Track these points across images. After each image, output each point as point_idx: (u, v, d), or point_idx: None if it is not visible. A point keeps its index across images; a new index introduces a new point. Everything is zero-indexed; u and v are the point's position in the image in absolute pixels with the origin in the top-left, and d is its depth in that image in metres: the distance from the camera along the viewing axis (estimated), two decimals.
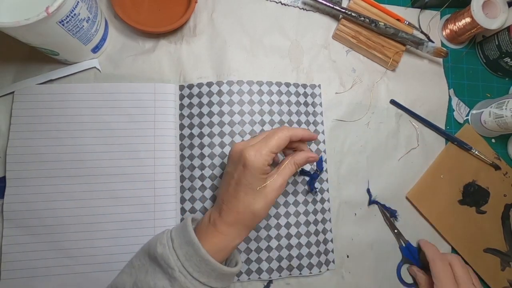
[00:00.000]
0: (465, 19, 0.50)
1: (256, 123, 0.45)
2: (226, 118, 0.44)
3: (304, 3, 0.51)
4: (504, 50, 0.51)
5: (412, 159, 0.49)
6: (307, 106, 0.47)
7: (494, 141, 0.53)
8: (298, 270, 0.43)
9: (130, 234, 0.40)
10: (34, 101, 0.42)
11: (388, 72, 0.51)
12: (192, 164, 0.43)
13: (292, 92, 0.47)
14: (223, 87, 0.45)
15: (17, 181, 0.40)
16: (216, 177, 0.43)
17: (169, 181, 0.42)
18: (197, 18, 0.48)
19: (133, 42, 0.46)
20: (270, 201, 0.35)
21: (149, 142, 0.42)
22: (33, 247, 0.39)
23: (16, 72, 0.43)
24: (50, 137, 0.41)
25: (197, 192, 0.43)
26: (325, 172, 0.46)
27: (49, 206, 0.40)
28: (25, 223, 0.39)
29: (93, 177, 0.41)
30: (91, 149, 0.41)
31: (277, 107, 0.46)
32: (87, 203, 0.40)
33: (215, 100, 0.44)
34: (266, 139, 0.35)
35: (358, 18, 0.48)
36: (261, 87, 0.46)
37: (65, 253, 0.39)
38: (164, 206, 0.42)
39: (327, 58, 0.50)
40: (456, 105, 0.53)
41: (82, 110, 0.42)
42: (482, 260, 0.48)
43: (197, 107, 0.44)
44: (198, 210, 0.42)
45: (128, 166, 0.42)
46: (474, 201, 0.49)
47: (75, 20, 0.35)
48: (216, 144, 0.44)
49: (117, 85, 0.43)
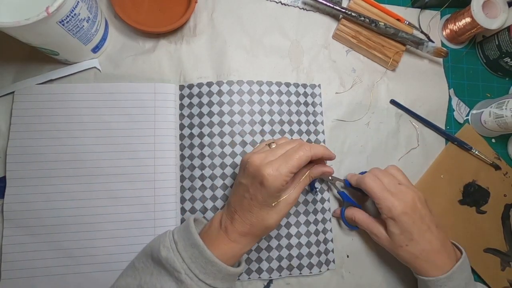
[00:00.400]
0: (465, 19, 0.50)
1: (256, 123, 0.45)
2: (226, 118, 0.44)
3: (304, 3, 0.51)
4: (504, 50, 0.51)
5: (412, 159, 0.49)
6: (307, 106, 0.47)
7: (494, 141, 0.53)
8: (298, 270, 0.43)
9: (130, 234, 0.40)
10: (34, 101, 0.42)
11: (388, 72, 0.51)
12: (192, 164, 0.43)
13: (292, 92, 0.47)
14: (223, 87, 0.45)
15: (17, 181, 0.40)
16: (216, 177, 0.43)
17: (169, 181, 0.42)
18: (197, 18, 0.48)
19: (133, 42, 0.46)
20: (284, 214, 0.35)
21: (149, 142, 0.42)
22: (33, 247, 0.39)
23: (16, 72, 0.43)
24: (50, 137, 0.41)
25: (197, 192, 0.43)
26: None
27: (49, 206, 0.40)
28: (25, 223, 0.39)
29: (93, 177, 0.41)
30: (91, 149, 0.41)
31: (277, 107, 0.46)
32: (87, 203, 0.40)
33: (215, 100, 0.44)
34: (286, 157, 0.34)
35: (358, 18, 0.48)
36: (261, 87, 0.46)
37: (65, 253, 0.39)
38: (164, 206, 0.42)
39: (327, 58, 0.50)
40: (456, 105, 0.53)
41: (82, 110, 0.42)
42: (482, 260, 0.48)
43: (197, 107, 0.44)
44: (198, 210, 0.42)
45: (128, 166, 0.42)
46: (474, 201, 0.49)
47: (75, 20, 0.35)
48: (216, 144, 0.43)
49: (117, 85, 0.43)
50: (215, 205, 0.43)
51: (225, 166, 0.43)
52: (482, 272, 0.47)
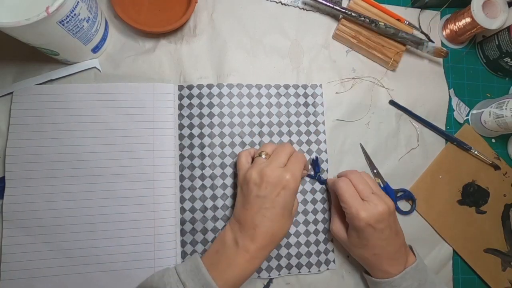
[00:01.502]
0: (465, 19, 0.50)
1: (255, 124, 0.45)
2: (226, 119, 0.45)
3: (304, 3, 0.51)
4: (504, 50, 0.51)
5: (412, 159, 0.49)
6: (307, 106, 0.47)
7: (494, 141, 0.53)
8: (297, 269, 0.43)
9: (130, 234, 0.40)
10: (33, 102, 0.41)
11: (388, 72, 0.51)
12: (192, 164, 0.43)
13: (291, 94, 0.47)
14: (223, 89, 0.45)
15: (17, 181, 0.40)
16: (216, 176, 0.43)
17: (168, 181, 0.42)
18: (197, 18, 0.48)
19: (133, 42, 0.46)
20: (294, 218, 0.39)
21: (148, 142, 0.42)
22: (33, 247, 0.39)
23: (16, 72, 0.43)
24: (49, 137, 0.41)
25: (197, 191, 0.43)
26: (326, 172, 0.46)
27: (49, 206, 0.40)
28: (24, 224, 0.39)
29: (93, 177, 0.41)
30: (91, 149, 0.41)
31: (276, 109, 0.46)
32: (87, 203, 0.40)
33: (215, 102, 0.45)
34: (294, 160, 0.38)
35: (358, 18, 0.48)
36: (259, 90, 0.47)
37: (65, 253, 0.39)
38: (163, 206, 0.42)
39: (327, 58, 0.50)
40: (456, 105, 0.53)
41: (81, 110, 0.42)
42: (482, 260, 0.48)
43: (197, 107, 0.45)
44: (198, 209, 0.42)
45: (127, 166, 0.42)
46: (474, 201, 0.49)
47: (75, 20, 0.35)
48: (216, 145, 0.44)
49: (116, 85, 0.43)
50: (215, 204, 0.43)
51: (225, 166, 0.44)
52: (483, 273, 0.47)
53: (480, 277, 0.48)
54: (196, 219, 0.42)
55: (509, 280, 0.48)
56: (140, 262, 0.40)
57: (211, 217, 0.42)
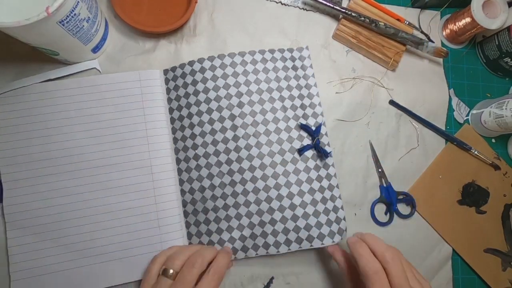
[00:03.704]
0: (465, 19, 0.50)
1: (243, 94, 0.44)
2: (212, 94, 0.43)
3: (304, 3, 0.51)
4: (504, 50, 0.51)
5: (412, 159, 0.49)
6: (296, 70, 0.46)
7: (494, 141, 0.53)
8: (308, 242, 0.40)
9: (132, 221, 0.41)
10: (19, 102, 0.41)
11: (388, 72, 0.51)
12: (185, 145, 0.43)
13: (277, 58, 0.46)
14: (204, 63, 0.44)
15: (13, 183, 0.40)
16: (210, 154, 0.43)
17: (166, 165, 0.43)
18: (197, 18, 0.48)
19: (133, 42, 0.46)
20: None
21: (140, 129, 0.43)
22: (38, 245, 0.39)
23: (16, 72, 0.43)
24: (39, 135, 0.41)
25: (193, 172, 0.43)
26: (325, 136, 0.45)
27: (47, 204, 0.40)
28: (27, 223, 0.39)
29: (88, 170, 0.41)
30: (82, 143, 0.42)
31: (263, 74, 0.45)
32: (85, 196, 0.41)
33: (198, 78, 0.44)
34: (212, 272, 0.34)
35: (358, 18, 0.48)
36: (243, 57, 0.45)
37: (70, 248, 0.40)
38: (164, 189, 0.42)
39: (327, 58, 0.50)
40: (456, 105, 0.53)
41: (68, 105, 0.42)
42: (482, 260, 0.48)
43: (182, 88, 0.44)
44: (197, 190, 0.42)
45: (121, 155, 0.42)
46: (474, 201, 0.49)
47: (75, 20, 0.35)
48: (205, 122, 0.43)
49: (101, 76, 0.43)
50: (212, 183, 0.42)
51: (217, 143, 0.43)
52: (483, 273, 0.47)
53: (480, 277, 0.48)
54: (196, 199, 0.42)
55: (509, 280, 0.48)
56: (147, 247, 0.41)
57: (210, 196, 0.42)
